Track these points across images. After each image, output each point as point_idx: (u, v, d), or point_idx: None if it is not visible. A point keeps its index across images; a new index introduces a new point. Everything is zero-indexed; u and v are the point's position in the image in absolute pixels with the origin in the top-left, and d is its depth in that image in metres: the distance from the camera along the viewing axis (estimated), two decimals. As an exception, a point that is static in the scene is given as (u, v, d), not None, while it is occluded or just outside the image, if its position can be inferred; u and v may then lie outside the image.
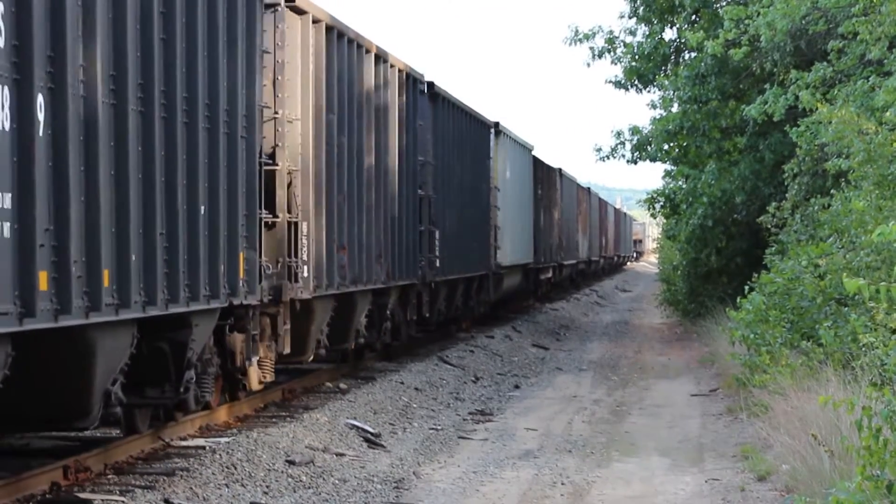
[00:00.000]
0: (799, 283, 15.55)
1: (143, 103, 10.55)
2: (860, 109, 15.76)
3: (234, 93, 12.54)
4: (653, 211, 31.55)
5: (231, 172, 12.52)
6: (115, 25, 10.08)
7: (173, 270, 11.11)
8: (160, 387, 12.01)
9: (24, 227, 8.70)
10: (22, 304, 8.68)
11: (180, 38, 11.27)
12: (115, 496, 10.17)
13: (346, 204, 16.91)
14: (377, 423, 14.73)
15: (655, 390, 19.20)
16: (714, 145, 25.81)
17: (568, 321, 35.39)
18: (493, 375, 21.05)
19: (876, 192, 14.26)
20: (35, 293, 8.76)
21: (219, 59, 12.14)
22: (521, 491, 11.21)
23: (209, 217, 11.97)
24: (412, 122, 20.76)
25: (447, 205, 23.70)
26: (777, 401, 12.65)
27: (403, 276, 20.13)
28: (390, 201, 19.26)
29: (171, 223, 11.10)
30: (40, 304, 8.83)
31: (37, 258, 8.77)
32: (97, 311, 9.63)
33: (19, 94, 8.70)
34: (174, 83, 11.17)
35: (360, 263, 17.57)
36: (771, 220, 19.90)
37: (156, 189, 10.77)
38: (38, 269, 8.81)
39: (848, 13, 17.40)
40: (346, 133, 16.90)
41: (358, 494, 10.91)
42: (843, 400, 7.89)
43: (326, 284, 16.03)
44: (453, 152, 24.48)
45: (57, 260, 9.12)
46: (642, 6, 27.08)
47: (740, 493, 10.83)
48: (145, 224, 10.58)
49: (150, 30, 10.61)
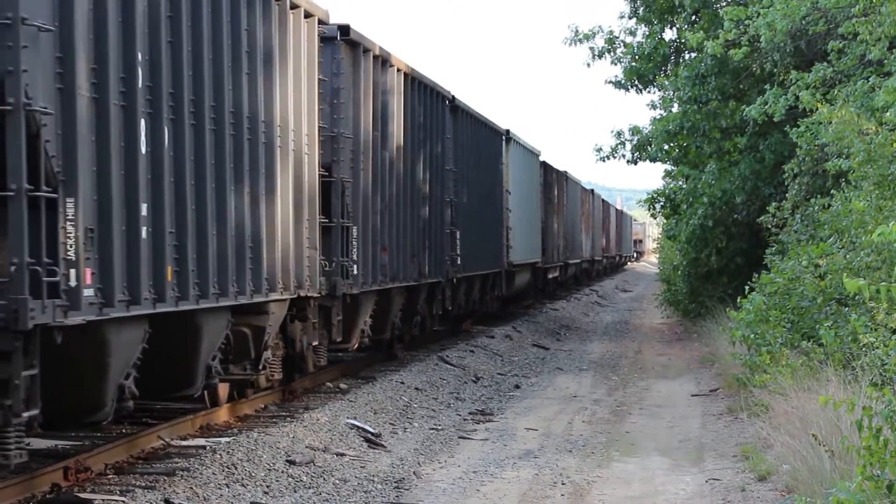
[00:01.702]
0: (799, 283, 15.55)
1: (234, 128, 12.83)
2: (860, 110, 15.75)
3: (299, 116, 14.82)
4: (653, 211, 31.57)
5: (299, 184, 14.83)
6: (215, 66, 12.41)
7: (257, 266, 13.37)
8: (242, 365, 14.08)
9: (157, 231, 10.96)
10: (155, 291, 10.93)
11: (261, 73, 13.60)
12: (115, 496, 10.17)
13: (388, 210, 19.33)
14: (377, 423, 14.73)
15: (656, 390, 19.20)
16: (714, 145, 25.81)
17: (568, 321, 35.39)
18: (493, 375, 21.06)
19: (876, 192, 14.26)
20: (164, 283, 11.08)
21: (289, 87, 14.42)
22: (521, 491, 11.21)
23: (283, 222, 14.21)
24: (440, 135, 23.33)
25: (466, 208, 25.80)
26: (777, 401, 12.65)
27: (432, 274, 22.43)
28: (422, 206, 21.71)
29: (256, 226, 13.42)
30: (168, 292, 11.15)
31: (165, 255, 11.10)
32: (206, 299, 12.00)
33: (152, 125, 10.98)
34: (256, 109, 13.51)
35: (397, 262, 19.94)
36: (771, 220, 19.90)
37: (244, 199, 13.11)
38: (167, 264, 11.15)
39: (848, 13, 17.40)
40: (388, 147, 19.31)
41: (358, 494, 10.91)
42: (844, 400, 7.89)
43: (371, 281, 18.36)
44: (471, 159, 26.65)
45: (178, 257, 11.44)
46: (642, 6, 27.09)
47: (741, 493, 10.83)
48: (237, 228, 12.86)
49: (240, 68, 13.04)
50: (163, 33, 11.13)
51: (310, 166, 15.18)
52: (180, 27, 11.50)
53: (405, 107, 20.32)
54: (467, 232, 25.65)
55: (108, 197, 10.12)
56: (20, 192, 8.89)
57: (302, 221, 14.84)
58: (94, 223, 9.92)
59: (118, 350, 10.61)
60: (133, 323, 10.80)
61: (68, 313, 9.40)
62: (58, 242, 9.30)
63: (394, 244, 19.63)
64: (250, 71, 13.24)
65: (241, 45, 13.06)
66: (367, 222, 18.04)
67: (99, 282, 9.97)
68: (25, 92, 8.94)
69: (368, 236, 18.15)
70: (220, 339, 12.93)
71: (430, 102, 22.27)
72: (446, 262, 23.64)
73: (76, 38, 9.62)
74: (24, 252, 8.91)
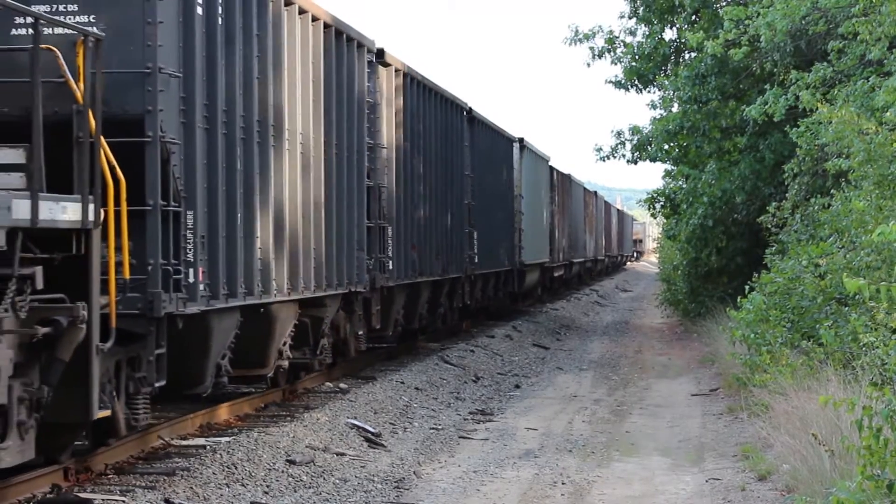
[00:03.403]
0: (799, 282, 15.55)
1: (303, 147, 14.99)
2: (860, 109, 15.74)
3: (351, 132, 17.11)
4: (653, 211, 31.58)
5: (351, 191, 17.07)
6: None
7: (318, 266, 15.56)
8: (302, 351, 16.06)
9: (247, 236, 13.17)
10: (245, 287, 13.15)
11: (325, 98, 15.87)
12: (115, 496, 10.17)
13: (416, 211, 21.58)
14: (378, 422, 14.74)
15: (656, 390, 19.21)
16: (714, 145, 25.81)
17: (568, 321, 35.40)
18: (493, 375, 21.06)
19: (876, 191, 14.25)
20: (253, 279, 13.32)
21: (344, 107, 16.69)
22: (521, 491, 11.21)
23: (338, 224, 16.46)
24: (459, 143, 25.75)
25: (482, 210, 27.87)
26: (777, 400, 12.65)
27: (453, 270, 24.70)
28: (445, 208, 24.08)
29: (318, 232, 15.58)
30: (255, 287, 13.33)
31: (254, 256, 13.33)
32: (281, 293, 14.22)
33: (244, 148, 13.18)
34: (330, 131, 16.00)
35: (425, 259, 22.15)
36: (771, 219, 19.89)
37: (313, 208, 15.35)
38: (255, 263, 13.34)
39: (848, 13, 17.40)
40: (416, 155, 21.57)
41: (358, 494, 10.91)
42: (844, 399, 7.89)
43: (403, 275, 20.57)
44: (486, 165, 28.93)
45: (262, 258, 13.60)
46: (642, 6, 27.09)
47: (741, 492, 10.83)
48: (304, 233, 15.00)
49: (318, 100, 15.52)
50: (254, 71, 13.39)
51: (359, 175, 17.53)
52: (266, 66, 13.74)
53: (429, 118, 22.64)
54: (483, 232, 27.73)
55: (214, 209, 12.39)
56: (156, 207, 11.13)
57: (353, 225, 17.20)
58: (205, 231, 12.16)
59: (218, 335, 12.82)
60: (230, 313, 13.06)
61: (187, 304, 11.60)
62: (181, 247, 11.55)
63: (421, 242, 21.86)
64: (328, 105, 15.94)
65: (320, 82, 15.63)
66: (399, 223, 20.27)
67: (208, 279, 12.22)
68: (161, 127, 11.16)
69: (401, 235, 20.39)
70: (289, 327, 15.16)
71: (449, 113, 24.64)
72: (465, 260, 25.91)
73: (196, 82, 11.87)
74: (158, 255, 11.12)
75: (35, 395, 9.19)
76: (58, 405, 9.48)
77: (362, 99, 17.63)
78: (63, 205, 9.25)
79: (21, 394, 9.04)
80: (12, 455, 9.05)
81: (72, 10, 11.23)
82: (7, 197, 8.49)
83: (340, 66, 16.48)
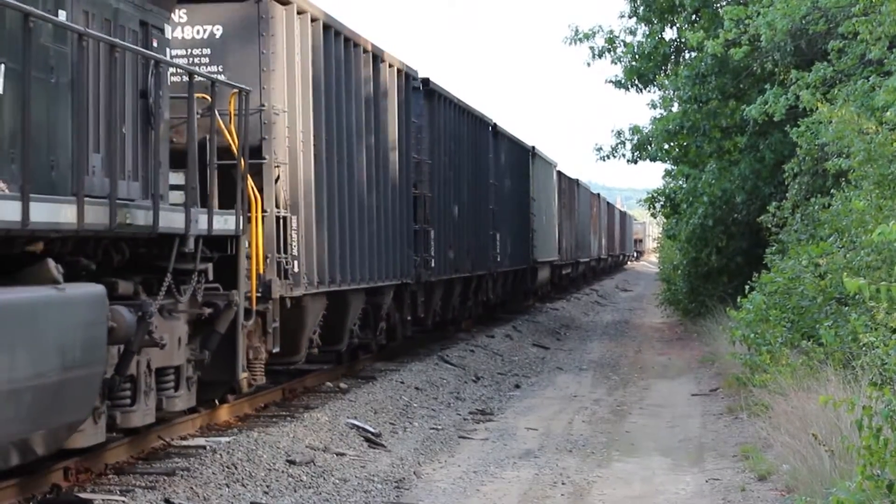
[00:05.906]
0: (799, 282, 15.53)
1: (367, 163, 18.29)
2: (860, 109, 15.73)
3: (401, 149, 20.42)
4: (653, 210, 31.57)
5: (402, 200, 20.53)
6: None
7: (380, 260, 18.89)
8: (364, 333, 18.99)
9: (331, 236, 16.54)
10: (329, 276, 16.37)
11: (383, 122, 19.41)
12: (115, 496, 10.17)
13: (452, 215, 24.83)
14: (378, 422, 14.73)
15: (656, 390, 19.20)
16: (714, 145, 25.78)
17: (568, 321, 35.40)
18: (493, 375, 21.06)
19: (876, 191, 14.24)
20: (336, 271, 16.67)
21: (396, 129, 20.04)
22: (521, 491, 11.21)
23: (393, 227, 19.72)
24: (485, 155, 29.28)
25: (503, 214, 31.02)
26: (777, 400, 12.64)
27: (480, 268, 27.81)
28: (474, 212, 27.26)
29: (379, 233, 18.90)
30: (337, 277, 16.67)
31: (336, 252, 16.72)
32: (354, 282, 17.55)
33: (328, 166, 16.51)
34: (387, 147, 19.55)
35: (459, 258, 25.26)
36: (771, 219, 19.88)
37: (376, 213, 18.73)
38: (336, 258, 16.69)
39: (848, 13, 17.38)
40: (451, 167, 25.04)
41: (358, 494, 10.91)
42: (844, 399, 7.88)
43: (442, 272, 23.78)
44: (505, 173, 32.18)
45: (341, 252, 16.92)
46: (642, 6, 27.06)
47: (741, 492, 10.83)
48: (370, 233, 18.29)
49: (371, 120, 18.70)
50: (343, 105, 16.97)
51: (408, 186, 21.04)
52: (350, 98, 17.38)
53: (462, 134, 26.06)
54: (504, 234, 30.92)
55: (310, 215, 15.66)
56: (271, 214, 14.48)
57: (404, 228, 20.42)
58: (304, 232, 15.36)
59: (312, 314, 15.97)
60: (320, 297, 16.26)
61: (293, 289, 14.93)
62: (289, 244, 14.82)
63: (455, 243, 25.03)
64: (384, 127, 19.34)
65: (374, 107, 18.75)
66: (440, 225, 23.59)
67: (305, 270, 15.37)
68: (273, 151, 14.64)
69: (440, 237, 23.56)
70: (358, 311, 18.28)
71: (478, 129, 28.28)
72: (490, 259, 29.02)
73: (297, 117, 15.28)
74: (274, 249, 14.41)
75: (198, 358, 12.15)
76: (213, 367, 12.41)
77: (409, 121, 21.04)
78: (225, 217, 12.23)
79: (189, 356, 11.97)
80: (183, 402, 11.91)
81: (205, 56, 14.56)
82: (195, 213, 11.25)
83: (397, 96, 20.05)
